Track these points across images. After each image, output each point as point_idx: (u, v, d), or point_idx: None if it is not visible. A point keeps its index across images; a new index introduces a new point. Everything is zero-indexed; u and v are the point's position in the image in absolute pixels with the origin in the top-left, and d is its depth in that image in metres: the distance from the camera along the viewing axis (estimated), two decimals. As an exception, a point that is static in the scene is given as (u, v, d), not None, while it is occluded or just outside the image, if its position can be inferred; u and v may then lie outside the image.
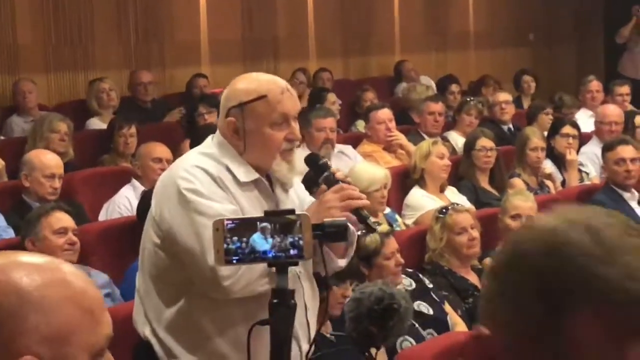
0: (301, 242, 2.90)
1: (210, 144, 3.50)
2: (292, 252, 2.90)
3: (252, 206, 3.39)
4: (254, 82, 3.49)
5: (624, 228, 1.41)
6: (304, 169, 3.55)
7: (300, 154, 3.57)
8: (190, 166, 3.37)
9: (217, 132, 3.51)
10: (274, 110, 3.39)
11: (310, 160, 3.49)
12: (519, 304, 1.40)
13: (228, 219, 2.93)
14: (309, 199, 3.63)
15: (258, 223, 2.90)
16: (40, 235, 5.12)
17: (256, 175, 3.42)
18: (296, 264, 2.97)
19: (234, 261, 2.91)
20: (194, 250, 3.28)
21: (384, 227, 5.14)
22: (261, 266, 3.10)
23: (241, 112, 3.40)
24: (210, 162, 3.39)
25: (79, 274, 1.53)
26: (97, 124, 8.93)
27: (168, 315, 3.42)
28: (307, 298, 3.45)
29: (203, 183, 3.32)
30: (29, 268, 1.48)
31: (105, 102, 9.05)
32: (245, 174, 3.40)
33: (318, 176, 3.48)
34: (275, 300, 2.93)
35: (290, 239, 2.89)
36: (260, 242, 2.89)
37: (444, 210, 5.72)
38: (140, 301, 3.52)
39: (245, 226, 2.90)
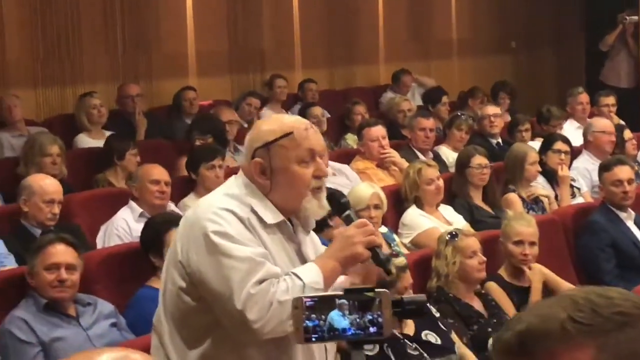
0: (380, 319, 2.85)
1: (233, 184, 3.47)
2: (371, 329, 2.85)
3: (277, 249, 3.38)
4: (277, 122, 3.51)
5: None
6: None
7: None
8: (217, 208, 3.33)
9: (241, 173, 3.50)
10: (300, 146, 3.38)
11: (332, 197, 3.48)
12: None
13: (307, 297, 2.90)
14: (317, 240, 3.63)
15: (336, 300, 2.86)
16: (34, 270, 5.01)
17: (282, 217, 3.41)
18: (375, 342, 2.96)
19: (314, 339, 2.87)
20: (223, 294, 3.25)
21: (401, 261, 5.09)
22: (290, 306, 3.07)
23: (267, 151, 3.39)
24: (236, 203, 3.36)
25: None
26: (85, 140, 8.84)
27: (191, 358, 3.39)
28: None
29: (232, 225, 3.29)
30: None
31: (96, 117, 8.94)
32: (272, 215, 3.38)
33: (338, 215, 3.48)
34: None
35: (369, 317, 2.84)
36: (338, 319, 2.85)
37: (454, 234, 5.70)
38: (161, 344, 3.46)
39: (323, 303, 2.86)
